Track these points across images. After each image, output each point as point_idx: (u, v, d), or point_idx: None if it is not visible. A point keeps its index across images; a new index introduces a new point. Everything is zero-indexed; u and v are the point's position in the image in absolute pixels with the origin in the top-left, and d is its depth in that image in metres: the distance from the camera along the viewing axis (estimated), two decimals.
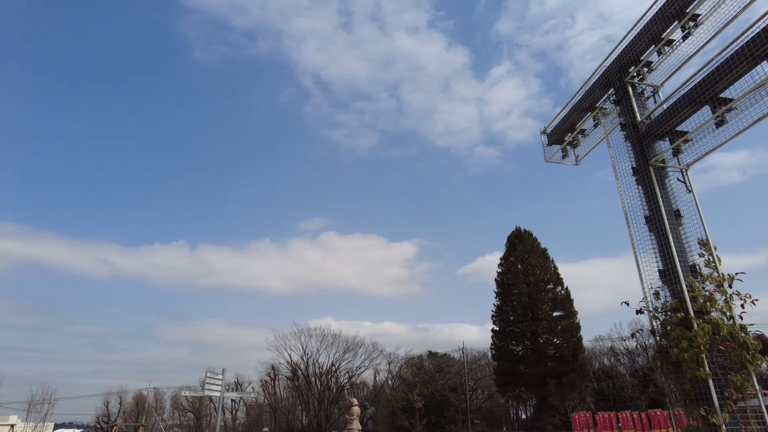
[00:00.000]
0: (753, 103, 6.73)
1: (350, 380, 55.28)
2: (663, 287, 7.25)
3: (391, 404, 49.18)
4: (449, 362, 59.85)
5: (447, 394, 49.60)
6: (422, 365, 57.50)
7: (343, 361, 53.17)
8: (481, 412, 57.33)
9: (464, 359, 53.75)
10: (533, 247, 38.91)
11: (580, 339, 36.17)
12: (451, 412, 48.87)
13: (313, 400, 50.72)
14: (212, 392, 16.93)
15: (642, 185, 7.89)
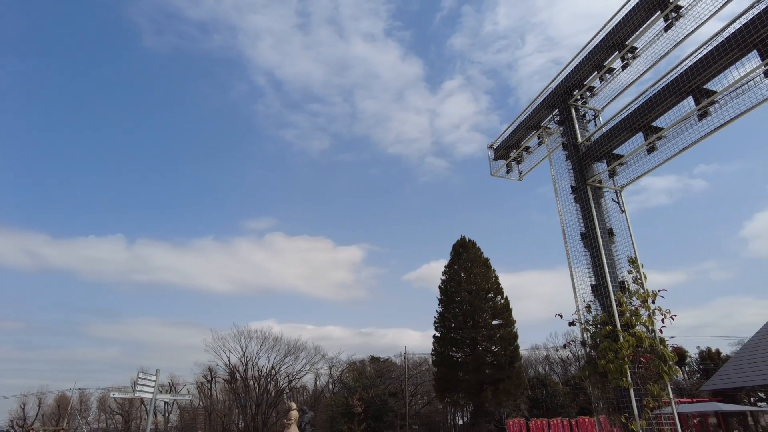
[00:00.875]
0: (680, 132, 7.29)
1: (290, 384, 54.49)
2: (594, 301, 7.67)
3: (331, 409, 48.88)
4: (391, 367, 60.26)
5: (387, 399, 49.88)
6: (364, 370, 57.58)
7: (284, 364, 52.39)
8: (419, 418, 57.99)
9: (405, 364, 54.27)
10: (476, 257, 39.96)
11: (517, 347, 37.43)
12: (390, 417, 49.18)
13: (251, 404, 49.57)
14: (143, 393, 16.19)
15: (579, 203, 8.33)
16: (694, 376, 59.24)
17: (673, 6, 7.45)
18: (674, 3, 7.43)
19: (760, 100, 6.40)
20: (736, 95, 6.58)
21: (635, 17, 7.92)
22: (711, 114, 6.86)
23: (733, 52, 6.31)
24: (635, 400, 6.77)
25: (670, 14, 7.50)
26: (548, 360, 64.47)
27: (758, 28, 5.99)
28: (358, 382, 51.33)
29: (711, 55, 6.52)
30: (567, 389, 50.64)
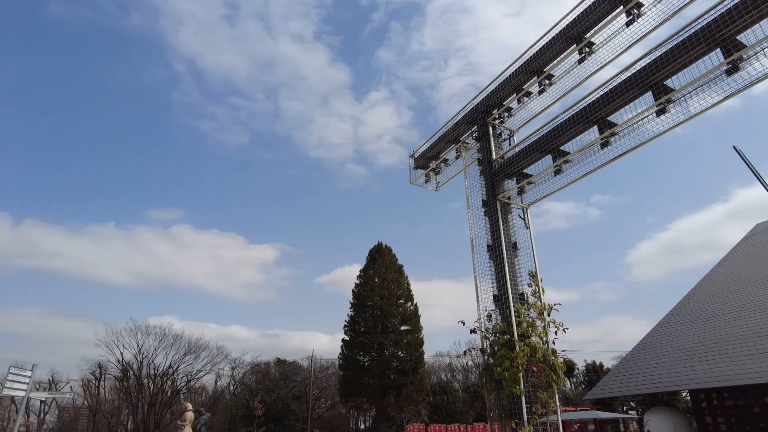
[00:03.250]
0: (584, 158, 7.84)
1: (188, 384, 51.68)
2: (495, 310, 8.00)
3: (230, 411, 47.04)
4: (297, 370, 59.26)
5: (290, 402, 48.96)
6: (268, 372, 56.09)
7: (183, 363, 49.58)
8: (322, 421, 57.49)
9: (312, 368, 53.64)
10: (391, 263, 40.52)
11: (422, 354, 38.36)
12: (292, 420, 48.28)
13: (143, 404, 46.32)
14: (14, 391, 14.50)
15: (489, 217, 8.68)
16: (580, 386, 64.18)
17: (587, 42, 8.02)
18: (588, 39, 8.00)
19: (652, 136, 7.05)
20: (633, 129, 7.20)
21: (553, 47, 8.42)
22: (611, 144, 7.44)
23: (633, 90, 6.89)
24: (526, 407, 7.11)
25: (584, 48, 8.07)
26: (451, 367, 66.71)
27: (653, 71, 6.59)
28: (261, 384, 49.91)
29: (615, 90, 7.09)
30: (466, 396, 52.71)
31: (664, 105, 6.65)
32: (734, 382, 10.97)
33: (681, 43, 6.27)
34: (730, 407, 12.97)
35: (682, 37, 6.27)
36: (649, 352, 14.58)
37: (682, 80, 6.41)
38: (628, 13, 7.35)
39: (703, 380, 11.63)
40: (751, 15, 5.57)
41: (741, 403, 12.78)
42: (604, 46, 7.85)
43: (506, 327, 7.60)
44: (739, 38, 5.84)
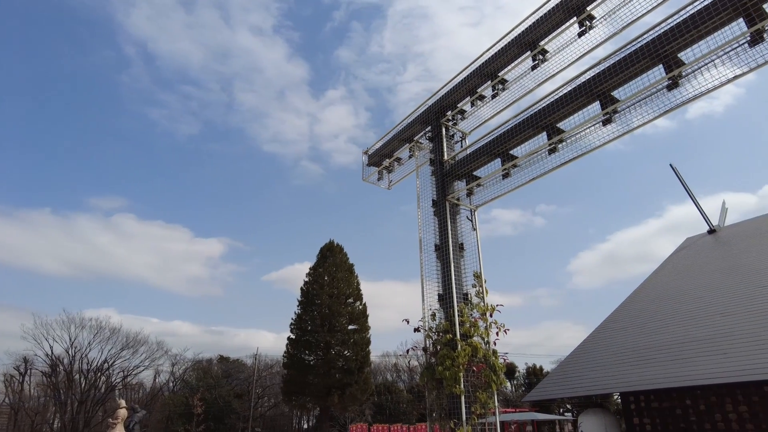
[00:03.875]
0: (532, 163, 7.99)
1: (124, 380, 49.32)
2: (440, 310, 8.01)
3: (168, 408, 45.28)
4: (240, 368, 57.87)
5: (232, 400, 47.72)
6: (210, 369, 54.48)
7: (120, 358, 47.23)
8: (264, 420, 56.39)
9: (256, 365, 52.49)
10: (342, 262, 40.28)
11: (369, 353, 38.33)
12: (233, 419, 47.07)
13: (73, 401, 43.76)
14: None
15: (438, 217, 8.71)
16: (521, 388, 66.11)
17: (540, 49, 8.18)
18: (542, 47, 8.17)
19: (597, 145, 7.27)
20: (580, 137, 7.40)
21: (508, 52, 8.55)
22: (559, 151, 7.61)
23: (582, 99, 7.08)
24: (465, 407, 7.15)
25: (537, 55, 8.23)
26: (396, 368, 67.08)
27: (602, 81, 6.80)
28: (202, 382, 48.38)
29: (565, 97, 7.25)
30: (410, 396, 53.15)
31: (611, 115, 6.87)
32: (660, 385, 11.53)
33: (628, 56, 6.49)
34: (656, 409, 13.65)
35: (630, 50, 6.50)
36: (585, 356, 15.13)
37: (628, 92, 6.64)
38: (581, 24, 7.56)
39: (633, 383, 12.16)
40: (692, 34, 5.83)
41: (665, 405, 13.47)
42: (556, 54, 8.04)
43: (449, 326, 7.62)
44: (679, 56, 6.10)
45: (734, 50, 5.68)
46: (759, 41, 5.51)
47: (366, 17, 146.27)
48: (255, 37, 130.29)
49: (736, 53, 5.65)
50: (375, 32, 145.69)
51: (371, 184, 11.28)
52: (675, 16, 6.06)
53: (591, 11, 7.47)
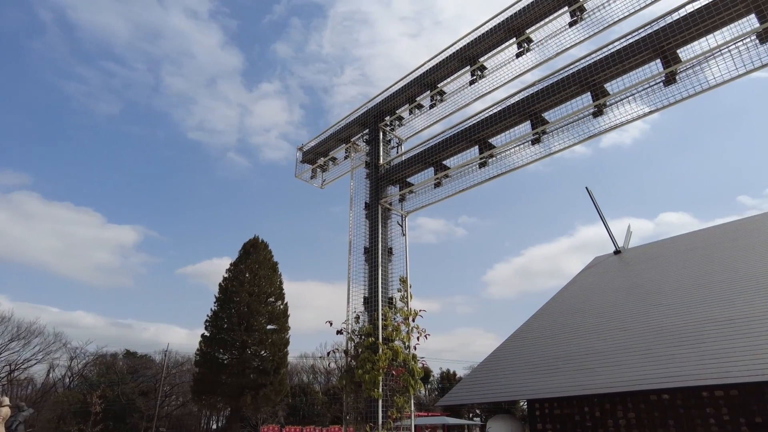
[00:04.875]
0: (463, 175, 8.22)
1: (11, 375, 44.80)
2: (364, 313, 8.00)
3: (62, 407, 41.69)
4: (147, 364, 54.67)
5: (136, 398, 44.87)
6: (114, 365, 50.95)
7: (7, 350, 42.91)
8: (170, 420, 53.56)
9: (165, 362, 49.74)
10: (265, 259, 39.30)
11: (286, 354, 37.64)
12: (136, 418, 44.26)
13: None
14: None
15: (369, 220, 8.73)
16: (434, 393, 67.81)
17: (480, 65, 8.47)
18: (481, 63, 8.45)
19: (524, 163, 7.62)
20: (510, 154, 7.72)
21: (449, 64, 8.77)
22: (489, 165, 7.90)
23: (515, 117, 7.40)
24: (382, 411, 7.17)
25: (476, 71, 8.51)
26: (314, 369, 66.46)
27: (534, 102, 7.14)
28: (104, 378, 45.11)
29: (499, 114, 7.55)
30: (325, 399, 52.81)
31: (539, 135, 7.23)
32: (564, 393, 12.27)
33: (561, 80, 6.87)
34: (558, 415, 14.51)
35: (563, 74, 6.89)
36: (497, 364, 15.80)
37: (558, 114, 7.04)
38: (519, 46, 7.92)
39: (539, 391, 12.85)
40: (617, 68, 6.29)
41: (566, 412, 14.36)
42: (494, 71, 8.35)
43: (372, 329, 7.64)
44: (606, 86, 6.56)
45: (651, 87, 6.19)
46: (672, 82, 6.05)
47: (307, 15, 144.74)
48: (189, 19, 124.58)
49: (652, 90, 6.17)
50: (315, 31, 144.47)
51: (304, 181, 11.10)
52: (604, 49, 6.51)
53: (530, 34, 7.85)
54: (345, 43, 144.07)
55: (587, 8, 7.34)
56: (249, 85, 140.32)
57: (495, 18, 8.21)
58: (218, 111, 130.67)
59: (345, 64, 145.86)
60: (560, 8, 7.54)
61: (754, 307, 11.88)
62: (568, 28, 7.48)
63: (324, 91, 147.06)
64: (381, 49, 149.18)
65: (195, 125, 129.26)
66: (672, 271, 17.35)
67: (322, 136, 10.83)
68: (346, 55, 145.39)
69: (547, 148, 7.32)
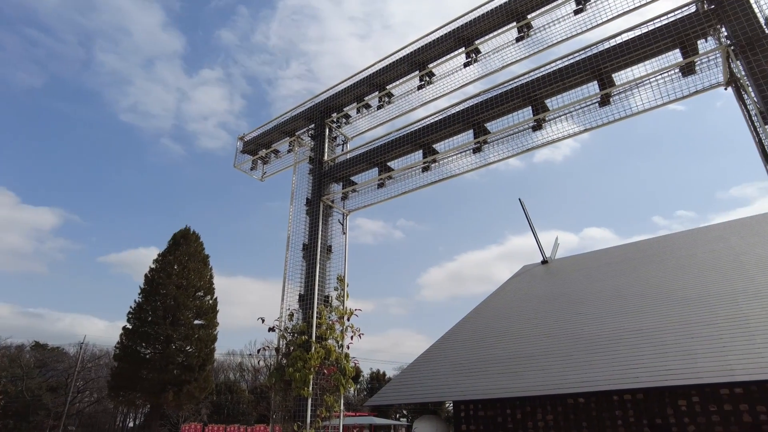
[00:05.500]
0: (406, 178, 8.32)
1: None
2: (299, 311, 7.88)
3: None
4: (60, 357, 50.89)
5: (43, 394, 41.64)
6: (20, 357, 46.99)
7: None
8: (81, 418, 50.15)
9: (80, 355, 46.53)
10: (196, 251, 37.83)
11: (213, 350, 36.39)
12: (41, 416, 41.06)
13: None
14: None
15: (310, 216, 8.62)
16: (362, 393, 68.03)
17: (428, 71, 8.60)
18: (430, 69, 8.59)
19: (464, 170, 7.83)
20: (452, 161, 7.89)
21: (399, 67, 8.84)
22: (431, 170, 8.03)
23: (459, 125, 7.58)
24: (311, 410, 7.09)
25: (425, 76, 8.64)
26: (241, 367, 64.75)
27: (477, 112, 7.35)
28: (6, 372, 41.48)
29: (444, 120, 7.70)
30: (252, 397, 51.59)
31: (481, 144, 7.45)
32: (488, 395, 12.70)
33: (505, 93, 7.12)
34: (482, 417, 15.00)
35: (507, 87, 7.14)
36: (425, 365, 16.10)
37: (500, 126, 7.28)
38: (468, 56, 8.12)
39: (465, 393, 13.22)
40: (558, 85, 6.60)
41: (489, 414, 14.88)
42: (443, 78, 8.52)
43: (306, 328, 7.54)
44: (546, 102, 6.86)
45: (587, 107, 6.55)
46: (606, 104, 6.44)
47: (254, 4, 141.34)
48: None
49: (588, 110, 6.54)
50: (262, 21, 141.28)
51: (243, 172, 10.77)
52: (547, 66, 6.81)
53: (478, 45, 8.07)
54: (292, 36, 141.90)
55: (534, 26, 7.67)
56: (189, 70, 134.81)
57: (446, 26, 8.38)
58: (154, 94, 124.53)
59: (291, 58, 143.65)
60: (509, 23, 7.82)
61: (663, 318, 12.87)
62: (515, 43, 7.77)
63: (268, 83, 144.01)
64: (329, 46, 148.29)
65: (128, 107, 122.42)
66: (593, 282, 18.45)
67: (266, 127, 10.58)
68: (292, 49, 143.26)
69: (485, 158, 7.55)
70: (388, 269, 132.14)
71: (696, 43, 5.96)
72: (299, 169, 9.31)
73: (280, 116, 10.30)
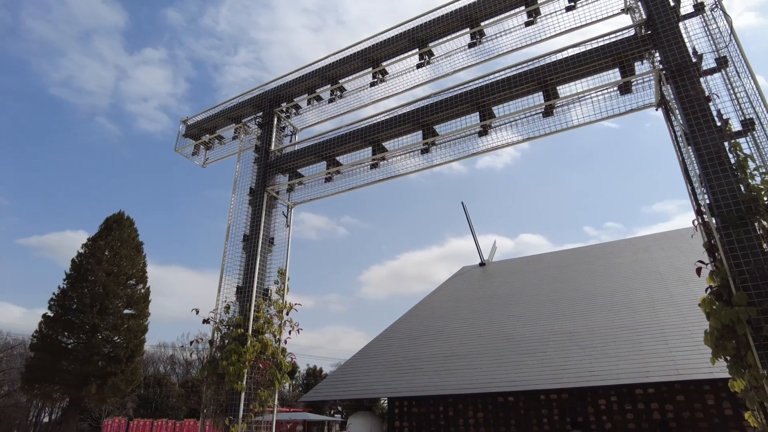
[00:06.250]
0: (354, 174, 8.30)
1: None
2: (236, 303, 7.68)
3: None
4: None
5: None
6: None
7: None
8: None
9: None
10: (130, 238, 36.05)
11: (143, 342, 34.83)
12: None
13: None
14: None
15: (253, 207, 8.41)
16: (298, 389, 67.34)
17: (381, 69, 8.62)
18: (383, 67, 8.61)
19: (411, 170, 7.93)
20: (399, 160, 7.96)
21: (352, 62, 8.80)
22: (380, 167, 8.06)
23: (408, 125, 7.65)
24: (244, 404, 6.94)
25: (378, 74, 8.65)
26: (173, 360, 62.40)
27: (426, 114, 7.45)
28: None
29: (394, 119, 7.75)
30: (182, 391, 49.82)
31: (429, 146, 7.56)
32: (422, 392, 12.94)
33: (455, 97, 7.25)
34: (415, 413, 15.26)
35: (458, 92, 7.28)
36: (363, 362, 16.17)
37: (448, 129, 7.41)
38: (421, 57, 8.21)
39: (400, 390, 13.40)
40: (506, 93, 6.81)
41: (423, 410, 15.17)
42: (395, 78, 8.56)
43: (243, 321, 7.36)
44: (494, 108, 7.06)
45: (532, 117, 6.80)
46: (549, 114, 6.71)
47: None
48: None
49: (532, 119, 6.79)
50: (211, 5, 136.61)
51: (184, 157, 10.34)
52: (496, 74, 7.00)
53: (432, 48, 8.18)
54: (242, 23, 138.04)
55: (486, 34, 7.87)
56: (130, 47, 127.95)
57: (402, 25, 8.43)
58: (91, 70, 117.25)
59: (240, 45, 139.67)
60: (463, 28, 7.98)
61: (590, 322, 13.61)
62: (467, 48, 7.95)
63: (214, 69, 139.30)
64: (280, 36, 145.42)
65: (60, 81, 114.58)
66: (527, 285, 19.21)
67: (211, 112, 10.22)
68: (242, 36, 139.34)
69: (432, 159, 7.68)
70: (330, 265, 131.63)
71: (633, 64, 6.34)
72: (244, 158, 9.06)
73: (227, 101, 9.98)
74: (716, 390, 11.23)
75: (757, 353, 4.19)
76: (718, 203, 4.84)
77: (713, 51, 5.56)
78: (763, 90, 5.01)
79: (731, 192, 4.81)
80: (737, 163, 4.95)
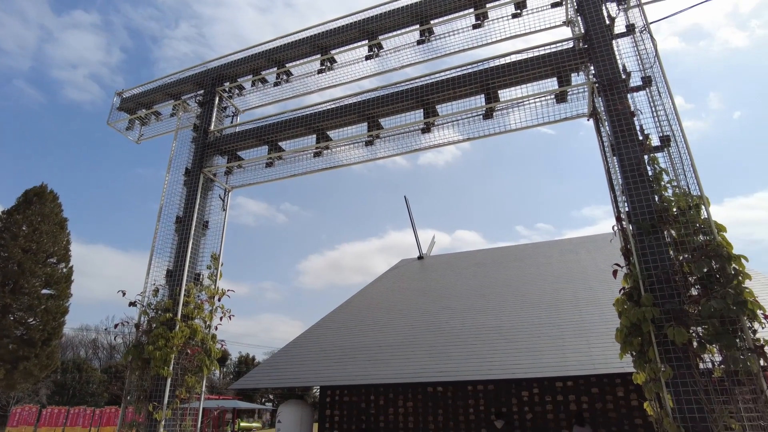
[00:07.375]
0: (297, 161, 8.20)
1: None
2: (165, 287, 7.43)
3: None
4: None
5: None
6: None
7: None
8: None
9: None
10: (52, 213, 33.68)
11: (62, 324, 32.77)
12: None
13: None
14: None
15: (188, 187, 8.12)
16: (229, 376, 65.96)
17: (330, 57, 8.55)
18: (332, 55, 8.55)
19: (355, 161, 7.96)
20: (344, 150, 7.96)
21: (300, 47, 8.67)
22: (323, 156, 8.02)
23: (353, 116, 7.66)
24: (169, 391, 6.75)
25: (326, 62, 8.57)
26: (95, 344, 59.23)
27: (371, 107, 7.50)
28: None
29: (339, 109, 7.72)
30: (104, 377, 47.49)
31: (373, 138, 7.61)
32: (353, 381, 13.08)
33: (401, 92, 7.33)
34: (346, 402, 15.41)
35: (404, 87, 7.36)
36: (296, 351, 16.10)
37: (393, 123, 7.49)
38: (370, 49, 8.22)
39: (333, 379, 13.48)
40: (450, 93, 6.97)
41: (354, 399, 15.34)
42: (344, 67, 8.52)
43: (171, 305, 7.13)
44: (437, 107, 7.21)
45: (473, 118, 7.02)
46: (489, 117, 6.95)
47: None
48: None
49: (473, 120, 7.00)
50: None
51: (117, 131, 9.78)
52: (442, 73, 7.15)
53: (381, 41, 8.21)
54: None
55: (435, 32, 8.00)
56: (58, 7, 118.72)
57: (353, 15, 8.39)
58: (10, 27, 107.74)
59: (181, 18, 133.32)
60: (413, 24, 8.06)
61: (518, 317, 14.25)
62: (416, 45, 8.05)
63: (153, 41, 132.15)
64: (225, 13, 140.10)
65: None
66: (461, 280, 19.80)
67: (149, 86, 9.73)
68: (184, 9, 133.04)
69: (375, 152, 7.74)
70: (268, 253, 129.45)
71: (570, 75, 6.67)
72: (181, 136, 8.71)
73: (167, 76, 9.54)
74: (625, 383, 12.15)
75: (657, 349, 4.61)
76: (635, 211, 5.24)
77: (640, 70, 5.97)
78: (679, 110, 5.46)
79: (647, 202, 5.21)
80: (654, 175, 5.37)
